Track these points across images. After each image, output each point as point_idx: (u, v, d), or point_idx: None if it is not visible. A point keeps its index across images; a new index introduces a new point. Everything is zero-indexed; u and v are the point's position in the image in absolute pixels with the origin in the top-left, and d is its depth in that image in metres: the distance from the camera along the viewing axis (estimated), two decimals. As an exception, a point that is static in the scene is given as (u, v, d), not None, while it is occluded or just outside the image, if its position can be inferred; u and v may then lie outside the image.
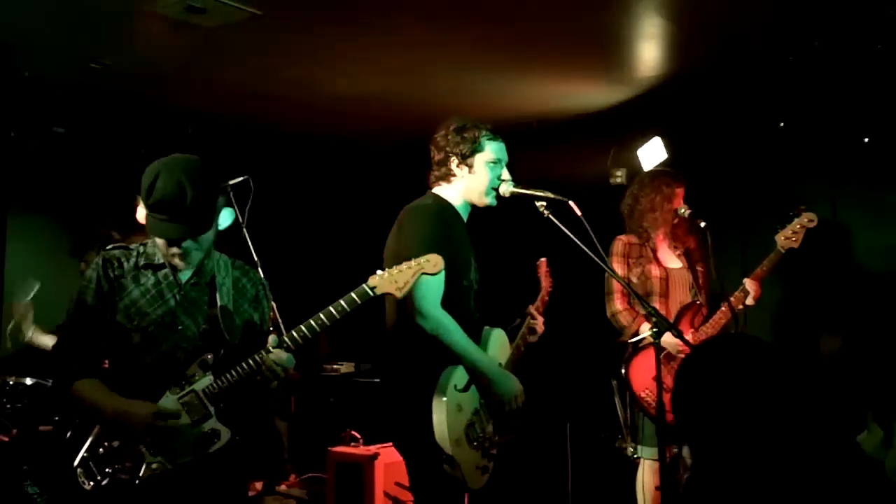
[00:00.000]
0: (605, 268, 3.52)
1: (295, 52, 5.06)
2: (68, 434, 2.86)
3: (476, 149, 3.57)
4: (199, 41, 4.81)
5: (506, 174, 3.61)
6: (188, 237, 2.87)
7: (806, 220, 4.55)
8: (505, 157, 3.64)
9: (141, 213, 6.08)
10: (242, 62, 5.26)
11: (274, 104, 6.06)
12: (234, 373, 2.88)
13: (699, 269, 4.80)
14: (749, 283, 4.54)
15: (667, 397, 4.17)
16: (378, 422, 3.51)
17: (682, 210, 4.71)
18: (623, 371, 4.55)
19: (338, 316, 2.88)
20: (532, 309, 3.84)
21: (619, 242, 4.77)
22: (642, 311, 4.48)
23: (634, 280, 4.67)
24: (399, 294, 2.93)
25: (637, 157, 5.78)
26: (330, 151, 7.36)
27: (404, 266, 2.95)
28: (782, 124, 5.33)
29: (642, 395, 4.48)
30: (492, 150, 3.60)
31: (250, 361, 2.87)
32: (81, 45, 4.97)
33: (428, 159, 3.69)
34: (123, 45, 4.94)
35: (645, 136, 5.75)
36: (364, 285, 2.92)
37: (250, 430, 3.03)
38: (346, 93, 5.80)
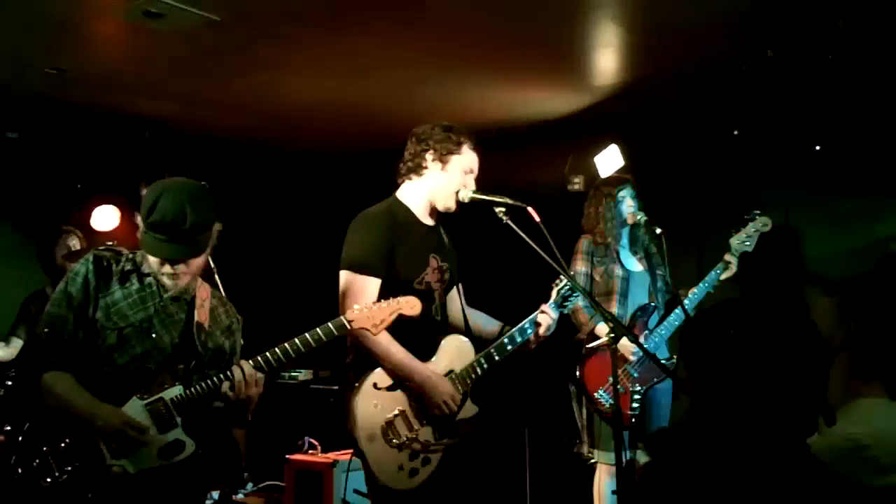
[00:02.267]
0: (564, 274, 3.53)
1: (253, 58, 5.05)
2: (21, 438, 2.84)
3: (456, 151, 3.60)
4: (157, 47, 4.79)
5: (473, 184, 3.63)
6: (183, 260, 2.93)
7: (760, 224, 4.66)
8: (476, 171, 3.67)
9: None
10: (201, 68, 5.24)
11: (232, 111, 6.03)
12: (203, 385, 2.92)
13: (659, 273, 4.86)
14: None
15: (622, 399, 4.29)
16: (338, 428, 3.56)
17: (639, 217, 4.77)
18: (578, 373, 4.58)
19: (313, 345, 2.97)
20: (545, 306, 3.79)
21: (585, 241, 4.83)
22: (612, 310, 4.57)
23: (598, 279, 4.75)
24: (375, 331, 3.07)
25: (595, 164, 5.81)
26: (288, 160, 7.33)
27: (384, 304, 3.06)
28: (737, 132, 5.43)
29: (597, 396, 4.52)
30: (470, 159, 3.63)
31: (221, 375, 2.92)
32: (37, 51, 4.92)
33: (391, 169, 3.70)
34: (80, 50, 4.89)
35: (602, 143, 5.80)
36: (342, 318, 3.03)
37: (214, 443, 3.06)
38: (307, 100, 5.79)
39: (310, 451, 5.52)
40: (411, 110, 5.50)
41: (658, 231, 4.67)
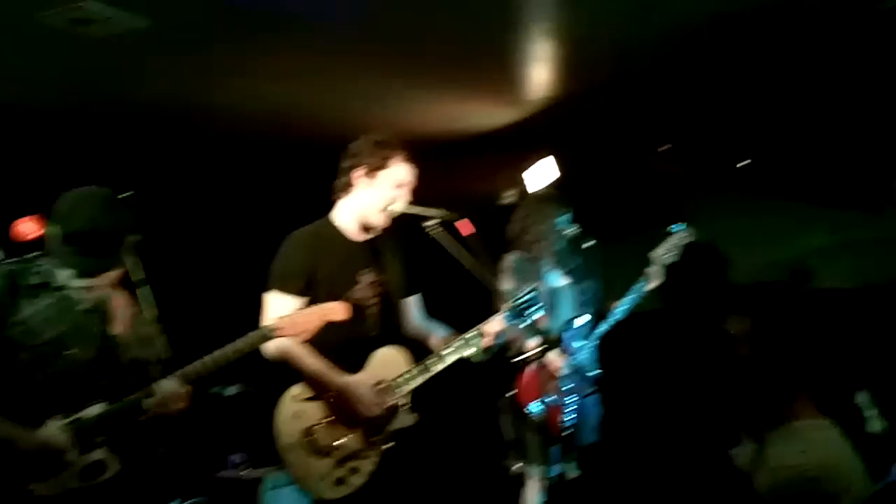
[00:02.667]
0: (494, 288, 3.58)
1: (186, 65, 4.97)
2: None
3: (386, 165, 3.58)
4: (86, 52, 4.68)
5: (406, 199, 3.62)
6: (97, 272, 2.87)
7: (681, 236, 4.71)
8: (410, 185, 3.65)
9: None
10: (132, 74, 5.13)
11: (166, 118, 5.91)
12: (125, 402, 2.83)
13: (583, 286, 4.87)
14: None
15: (549, 410, 4.34)
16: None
17: (570, 230, 4.80)
18: (510, 387, 4.58)
19: (233, 357, 2.92)
20: (493, 317, 3.75)
21: (510, 258, 4.81)
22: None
23: None
24: (300, 339, 3.07)
25: (527, 177, 5.86)
26: (223, 168, 7.21)
27: (308, 311, 3.04)
28: (667, 146, 5.52)
29: (528, 408, 4.50)
30: (401, 173, 3.61)
31: (142, 393, 2.84)
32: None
33: (327, 179, 3.69)
34: (4, 56, 4.76)
35: (535, 156, 5.85)
36: (264, 327, 3.01)
37: (139, 461, 2.97)
38: (241, 110, 5.72)
39: (240, 467, 5.45)
40: (348, 122, 5.17)
41: (589, 243, 4.70)
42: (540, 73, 5.17)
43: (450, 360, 3.61)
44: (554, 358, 4.50)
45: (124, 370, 2.93)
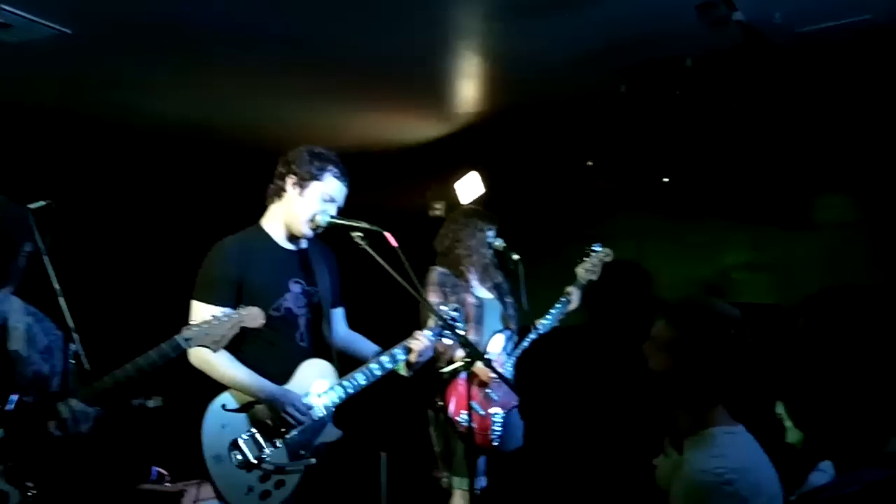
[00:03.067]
0: (421, 300, 3.57)
1: (108, 74, 4.89)
2: None
3: (317, 177, 3.57)
4: (3, 58, 4.56)
5: (333, 213, 3.61)
6: None
7: (603, 254, 4.85)
8: (340, 201, 3.66)
9: None
10: (52, 82, 5.02)
11: (87, 127, 5.82)
12: (26, 427, 2.70)
13: (509, 300, 4.93)
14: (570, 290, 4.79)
15: (478, 422, 4.41)
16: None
17: (497, 243, 4.88)
18: (439, 398, 4.60)
19: (147, 369, 2.82)
20: (418, 332, 3.79)
21: (435, 272, 4.83)
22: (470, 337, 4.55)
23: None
24: (215, 347, 2.97)
25: (455, 191, 5.87)
26: (147, 179, 7.09)
27: (223, 317, 2.97)
28: (590, 163, 5.55)
29: (457, 420, 4.53)
30: (332, 186, 3.60)
31: (45, 414, 2.72)
32: None
33: (252, 191, 3.68)
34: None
35: (463, 171, 5.86)
36: (177, 337, 2.91)
37: (47, 485, 2.81)
38: (169, 120, 5.66)
39: (159, 481, 5.35)
40: (278, 133, 5.43)
41: (515, 258, 4.81)
42: (469, 88, 5.20)
43: (377, 374, 3.61)
44: (481, 370, 4.53)
45: (23, 388, 2.77)
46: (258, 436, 3.43)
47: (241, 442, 3.40)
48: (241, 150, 5.98)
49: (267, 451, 3.42)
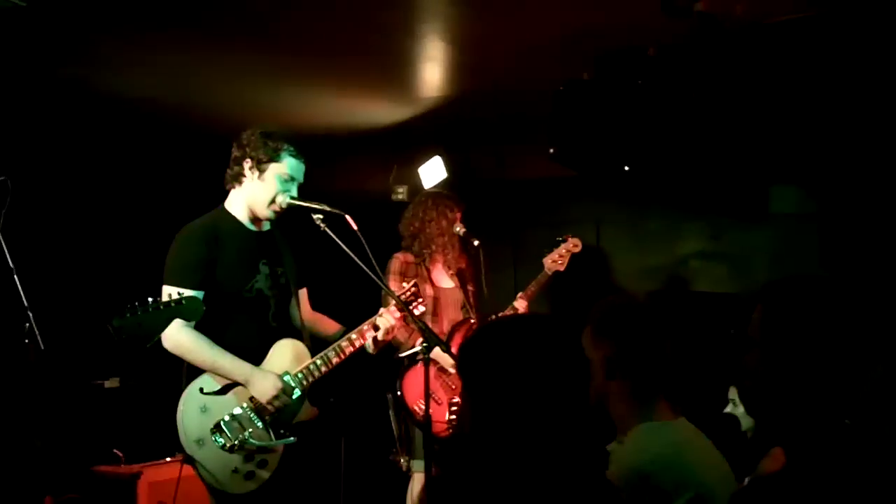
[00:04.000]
0: (380, 284, 3.60)
1: (62, 48, 4.75)
2: None
3: (274, 158, 3.56)
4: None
5: (293, 194, 3.62)
6: None
7: (571, 245, 4.86)
8: (300, 178, 3.66)
9: None
10: (5, 56, 4.83)
11: (42, 103, 5.66)
12: None
13: (470, 288, 4.95)
14: (519, 303, 4.77)
15: (436, 410, 4.42)
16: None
17: (458, 229, 4.90)
18: (397, 384, 4.63)
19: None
20: (384, 309, 3.81)
21: (397, 261, 4.85)
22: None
23: None
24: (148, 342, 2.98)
25: (418, 175, 5.84)
26: (104, 158, 6.92)
27: (160, 301, 2.98)
28: (552, 150, 5.36)
29: (415, 407, 4.56)
30: (289, 166, 3.60)
31: None
32: None
33: (209, 171, 3.70)
34: None
35: (426, 155, 5.84)
36: (109, 325, 2.92)
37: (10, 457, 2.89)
38: (128, 96, 5.52)
39: (115, 462, 5.26)
40: (240, 113, 5.31)
41: (476, 243, 4.84)
42: (433, 72, 5.17)
43: (347, 351, 3.66)
44: (440, 355, 4.52)
45: None
46: (240, 417, 3.45)
47: (223, 424, 3.42)
48: (200, 132, 5.89)
49: (249, 431, 3.44)
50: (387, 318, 3.70)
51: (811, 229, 5.27)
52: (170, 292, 3.33)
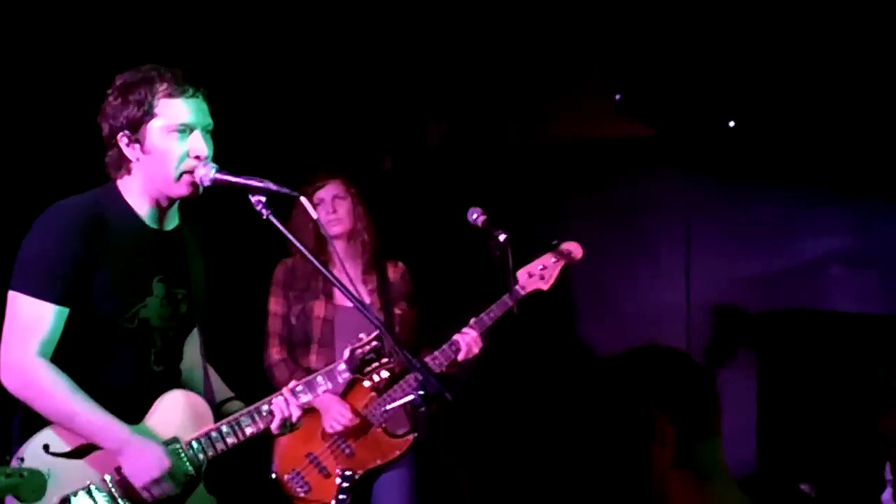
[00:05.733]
0: (347, 295, 3.23)
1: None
2: None
3: (148, 112, 3.26)
4: None
5: (202, 148, 3.25)
6: None
7: (562, 254, 4.58)
8: (203, 121, 3.31)
9: None
10: None
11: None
12: None
13: (399, 309, 4.76)
14: (463, 334, 4.50)
15: (315, 484, 4.42)
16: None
17: (476, 216, 4.57)
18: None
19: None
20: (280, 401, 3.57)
21: (282, 267, 4.75)
22: (312, 365, 4.52)
23: (293, 321, 4.65)
24: None
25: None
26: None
27: None
28: (618, 97, 5.28)
29: (286, 482, 4.45)
30: (174, 110, 3.30)
31: None
32: None
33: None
34: None
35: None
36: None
37: None
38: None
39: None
40: None
41: (502, 238, 4.48)
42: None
43: (265, 423, 3.40)
44: (325, 404, 4.43)
45: None
46: (97, 496, 3.23)
47: (73, 501, 3.27)
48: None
49: None
50: (284, 404, 3.38)
51: None
52: (22, 311, 3.18)
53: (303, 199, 3.18)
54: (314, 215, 3.24)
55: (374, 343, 3.51)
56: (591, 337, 5.75)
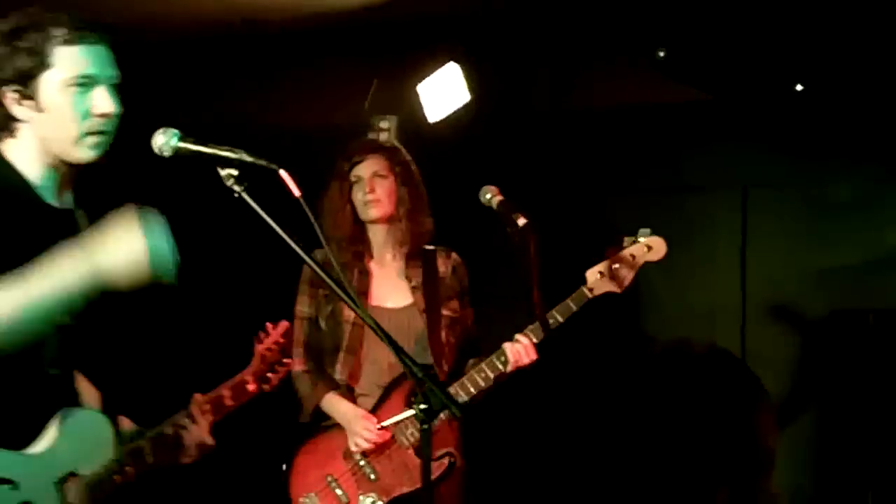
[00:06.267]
0: (328, 281, 3.10)
1: None
2: None
3: (43, 64, 3.16)
4: None
5: (107, 105, 3.13)
6: None
7: (643, 249, 4.43)
8: (107, 73, 3.19)
9: None
10: None
11: None
12: None
13: (448, 310, 4.62)
14: (516, 344, 4.35)
15: None
16: None
17: (489, 196, 4.32)
18: (284, 469, 4.48)
19: None
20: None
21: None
22: (336, 375, 4.49)
23: (323, 326, 4.57)
24: None
25: (417, 97, 5.44)
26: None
27: None
28: (662, 53, 5.10)
29: (299, 503, 4.39)
30: (71, 60, 3.18)
31: None
32: None
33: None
34: None
35: (435, 59, 5.34)
36: None
37: None
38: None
39: None
40: None
41: (521, 222, 4.28)
42: None
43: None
44: (353, 423, 4.47)
45: None
46: None
47: None
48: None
49: None
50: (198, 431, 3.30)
51: None
52: None
53: (282, 172, 2.92)
54: (296, 192, 2.91)
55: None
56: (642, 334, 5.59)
